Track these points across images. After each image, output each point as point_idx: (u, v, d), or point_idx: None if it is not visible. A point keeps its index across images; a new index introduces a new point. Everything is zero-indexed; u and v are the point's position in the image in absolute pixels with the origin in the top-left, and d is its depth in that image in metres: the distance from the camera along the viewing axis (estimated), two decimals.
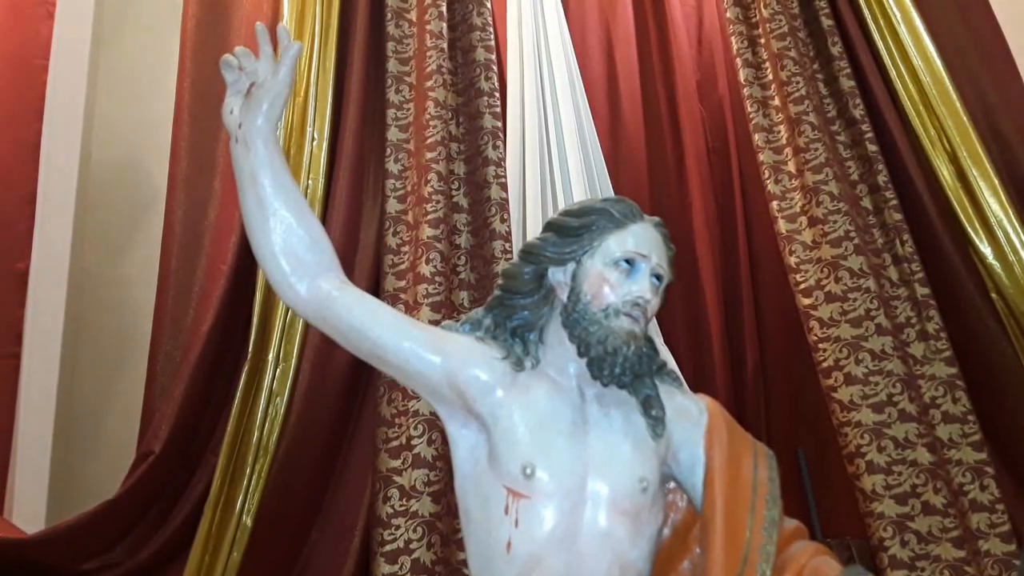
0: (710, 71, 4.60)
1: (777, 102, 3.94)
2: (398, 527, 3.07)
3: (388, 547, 3.05)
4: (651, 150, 4.41)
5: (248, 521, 3.16)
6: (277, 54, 1.45)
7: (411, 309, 3.31)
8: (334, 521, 3.32)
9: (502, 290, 1.49)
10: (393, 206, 3.53)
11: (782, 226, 3.81)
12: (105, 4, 3.91)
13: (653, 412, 1.43)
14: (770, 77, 4.00)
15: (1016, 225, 3.65)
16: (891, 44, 4.01)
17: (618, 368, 1.36)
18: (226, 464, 3.17)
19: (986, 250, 3.71)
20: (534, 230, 3.95)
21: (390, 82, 3.71)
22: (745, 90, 4.04)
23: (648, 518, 1.36)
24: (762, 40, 4.12)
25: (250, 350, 3.26)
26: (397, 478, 3.14)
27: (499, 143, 3.70)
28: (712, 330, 4.30)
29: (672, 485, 1.49)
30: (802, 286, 3.71)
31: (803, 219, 3.78)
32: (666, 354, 4.04)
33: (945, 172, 3.83)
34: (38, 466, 3.27)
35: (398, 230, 3.51)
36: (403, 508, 3.09)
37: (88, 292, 3.74)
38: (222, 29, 3.70)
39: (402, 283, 3.41)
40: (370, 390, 3.41)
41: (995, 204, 3.70)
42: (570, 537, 1.29)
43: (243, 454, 3.22)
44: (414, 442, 3.16)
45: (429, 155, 3.51)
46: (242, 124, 1.42)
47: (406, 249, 3.45)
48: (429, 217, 3.42)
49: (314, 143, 3.48)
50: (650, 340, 1.52)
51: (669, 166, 4.46)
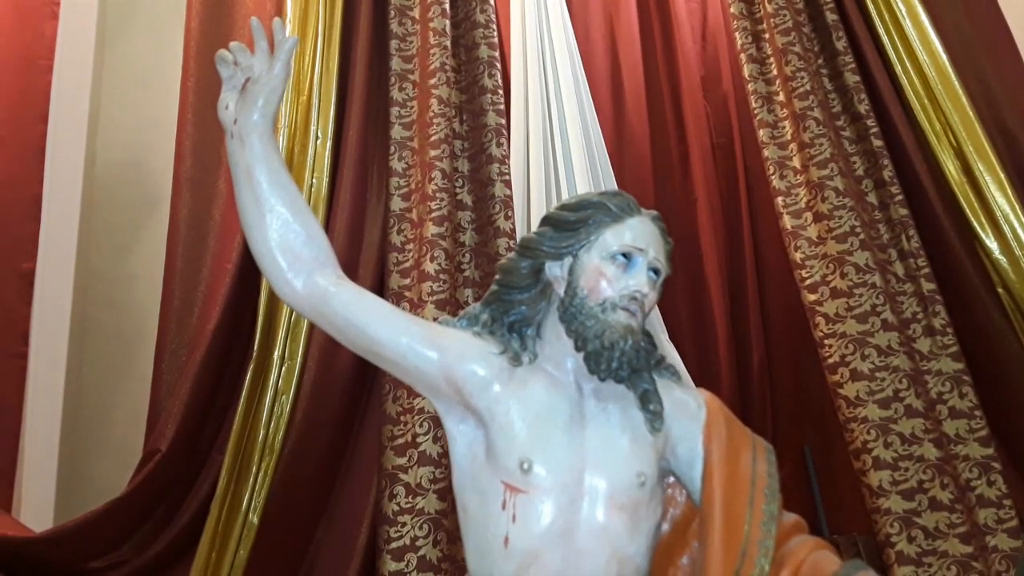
0: (714, 67, 4.60)
1: (782, 97, 3.92)
2: (404, 524, 3.08)
3: (394, 544, 3.06)
4: (655, 146, 4.41)
5: (254, 519, 3.17)
6: (273, 49, 1.44)
7: (415, 307, 3.31)
8: (340, 518, 3.33)
9: (499, 285, 1.49)
10: (397, 204, 3.53)
11: (787, 222, 3.80)
12: (109, 3, 3.92)
13: (651, 407, 1.42)
14: (775, 72, 3.98)
15: (1022, 219, 3.64)
16: (896, 38, 3.99)
17: (615, 363, 1.36)
18: (232, 462, 3.18)
19: (992, 245, 3.69)
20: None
21: (393, 80, 3.71)
22: (749, 85, 4.03)
23: (646, 513, 1.36)
24: (766, 35, 4.11)
25: (255, 349, 3.27)
26: (403, 475, 3.15)
27: (503, 140, 3.70)
28: (717, 327, 4.29)
29: (672, 479, 1.49)
30: (807, 282, 3.70)
31: (808, 215, 3.77)
32: (671, 351, 4.05)
33: (951, 166, 3.81)
34: (46, 465, 3.29)
35: (402, 228, 3.51)
36: (409, 505, 3.10)
37: (94, 292, 3.76)
38: (225, 28, 3.71)
39: (406, 281, 3.41)
40: (375, 388, 3.41)
41: (1001, 198, 3.69)
42: (568, 532, 1.29)
43: (249, 452, 3.22)
44: (420, 439, 3.16)
45: (433, 153, 3.51)
46: (237, 120, 1.41)
47: (410, 247, 3.45)
48: (433, 215, 3.42)
49: (318, 141, 3.48)
50: (648, 334, 1.52)
51: (673, 162, 4.46)
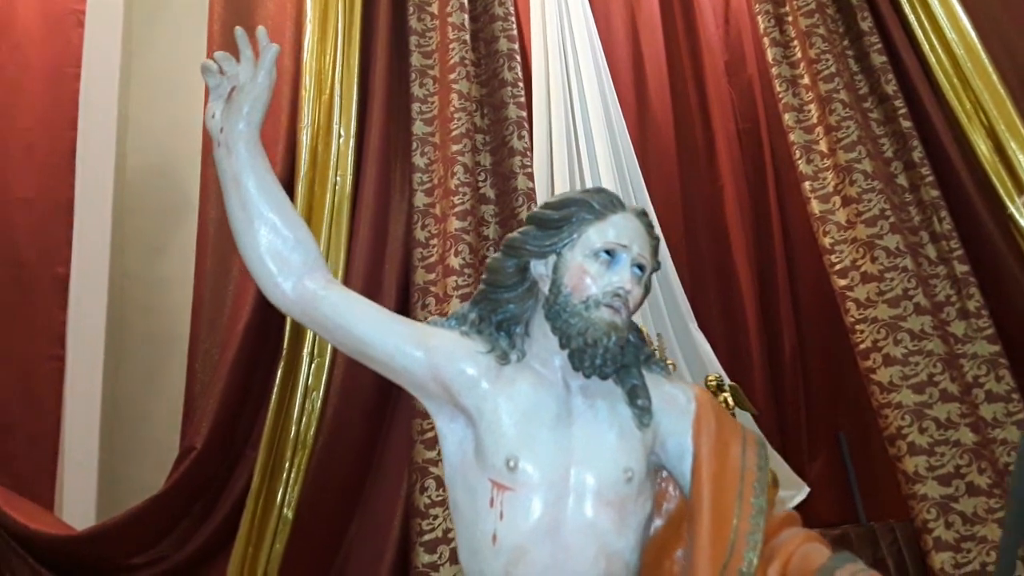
0: (738, 51, 4.55)
1: (807, 80, 3.87)
2: (436, 517, 3.10)
3: (427, 537, 3.08)
4: (680, 133, 4.38)
5: (289, 513, 3.22)
6: (258, 57, 1.45)
7: (441, 301, 3.33)
8: (373, 512, 3.36)
9: (486, 284, 1.49)
10: (421, 200, 3.55)
11: (815, 207, 3.75)
12: (134, 10, 3.98)
13: (639, 402, 1.42)
14: (799, 55, 3.93)
15: None
16: (923, 16, 3.91)
17: (599, 359, 1.35)
18: (266, 458, 3.23)
19: None
20: None
21: (414, 76, 3.72)
22: (773, 69, 3.98)
23: (634, 508, 1.35)
24: (789, 18, 4.05)
25: (285, 346, 3.31)
26: (433, 468, 3.17)
27: (524, 133, 3.69)
28: (747, 315, 4.26)
29: (666, 474, 1.48)
30: (837, 267, 3.65)
31: (836, 199, 3.72)
32: (700, 341, 4.03)
33: (982, 146, 3.74)
34: (86, 464, 3.36)
35: (426, 223, 3.53)
36: (440, 498, 3.12)
37: (129, 294, 3.82)
38: (247, 30, 3.73)
39: (432, 276, 3.43)
40: None
41: None
42: (555, 528, 1.29)
43: (282, 448, 3.27)
44: None
45: (455, 147, 3.52)
46: (223, 129, 1.42)
47: (435, 242, 3.47)
48: (456, 209, 3.44)
49: (341, 140, 3.51)
50: (638, 329, 1.52)
51: (699, 149, 4.42)
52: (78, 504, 3.32)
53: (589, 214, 1.44)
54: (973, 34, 3.81)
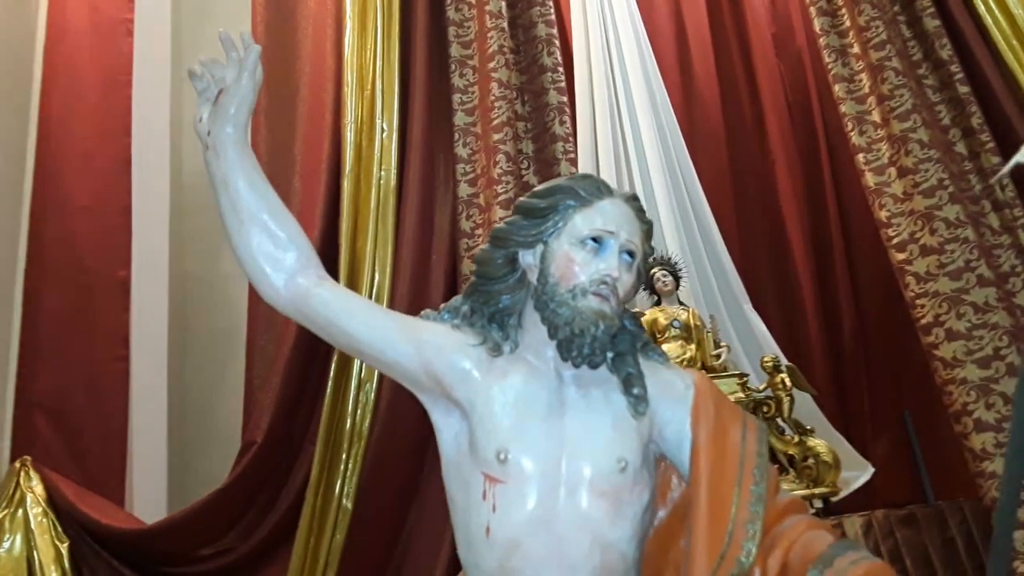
0: (786, 23, 4.43)
1: (856, 49, 3.74)
2: None
3: None
4: (727, 109, 4.29)
5: (348, 504, 3.28)
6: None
7: None
8: (429, 502, 3.39)
9: (476, 276, 1.47)
10: (464, 190, 3.55)
11: (870, 179, 3.64)
12: (182, 16, 4.07)
13: (634, 390, 1.38)
14: (847, 24, 3.79)
15: None
16: None
17: (587, 349, 1.32)
18: (323, 451, 3.30)
19: None
20: None
21: (453, 67, 3.73)
22: (821, 40, 3.85)
23: (629, 499, 1.32)
24: None
25: None
26: None
27: (566, 118, 3.66)
28: (804, 293, 4.17)
29: (668, 463, 1.44)
30: (895, 241, 3.54)
31: (892, 170, 3.59)
32: (755, 321, 3.96)
33: None
34: (155, 460, 3.48)
35: (471, 214, 3.54)
36: None
37: (191, 294, 3.93)
38: (289, 28, 3.80)
39: None
40: None
41: None
42: (548, 520, 1.27)
43: (338, 440, 3.33)
44: None
45: (496, 136, 3.52)
46: (211, 132, 1.42)
47: (480, 232, 3.47)
48: (500, 198, 3.43)
49: (384, 134, 3.54)
50: (635, 316, 1.49)
51: (748, 125, 4.33)
52: (148, 498, 3.44)
53: (575, 201, 1.40)
54: None
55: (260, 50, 1.43)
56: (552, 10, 3.89)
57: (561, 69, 3.76)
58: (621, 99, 3.99)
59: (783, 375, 3.52)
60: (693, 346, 3.58)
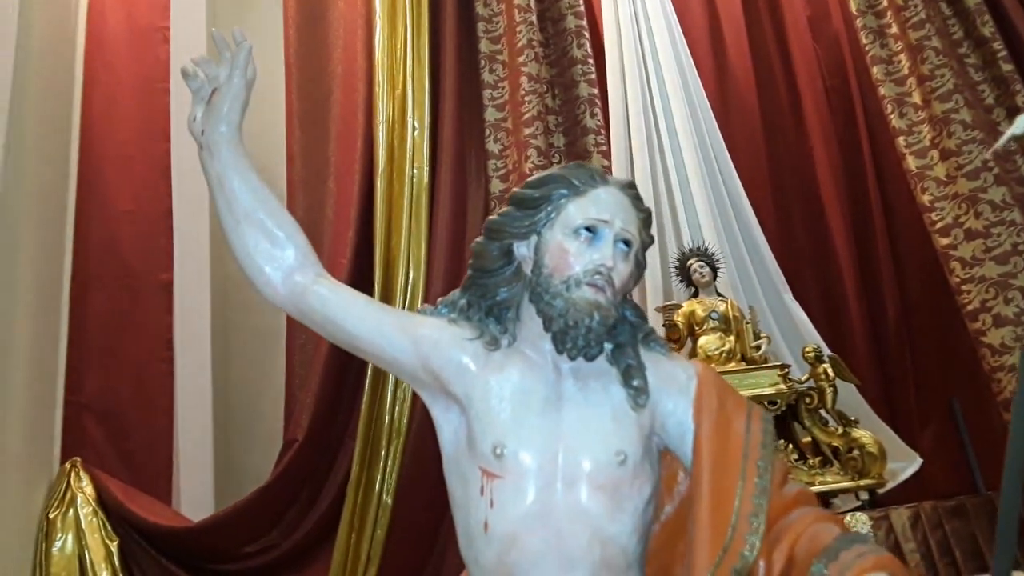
0: (822, 5, 4.33)
1: (895, 29, 3.65)
2: None
3: None
4: (763, 96, 4.22)
5: (388, 500, 3.32)
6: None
7: None
8: None
9: (472, 269, 1.44)
10: (496, 186, 3.56)
11: (911, 163, 3.56)
12: (217, 21, 4.12)
13: (634, 383, 1.34)
14: (884, 3, 3.71)
15: None
16: None
17: (581, 340, 1.30)
18: (363, 447, 3.34)
19: None
20: (645, 193, 3.88)
21: (483, 63, 3.73)
22: (858, 20, 3.77)
23: (629, 492, 1.28)
24: None
25: None
26: None
27: (597, 111, 3.64)
28: (846, 281, 4.09)
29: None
30: (938, 225, 3.46)
31: (934, 153, 3.51)
32: (796, 311, 3.90)
33: None
34: (200, 458, 3.53)
35: None
36: None
37: (232, 296, 3.98)
38: (320, 32, 3.83)
39: None
40: None
41: None
42: (546, 515, 1.25)
43: (377, 437, 3.36)
44: None
45: (527, 131, 3.52)
46: (205, 131, 1.42)
47: None
48: None
49: (415, 133, 3.56)
50: (636, 307, 1.46)
51: (784, 111, 4.25)
52: (195, 496, 3.50)
53: (568, 191, 1.38)
54: None
55: (251, 47, 1.42)
56: (581, 1, 3.87)
57: (591, 61, 3.74)
58: (654, 88, 3.95)
59: (825, 365, 3.46)
60: (732, 338, 3.53)
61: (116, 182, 3.59)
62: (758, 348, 3.53)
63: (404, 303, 3.40)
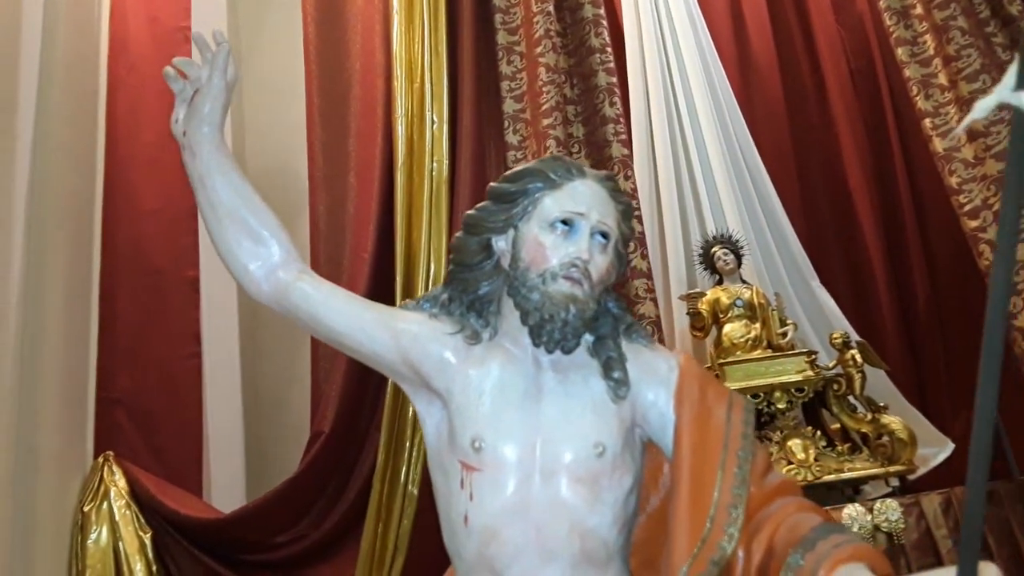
0: None
1: (919, 10, 3.58)
2: None
3: None
4: (786, 79, 4.17)
5: (414, 491, 3.34)
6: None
7: None
8: None
9: (453, 264, 1.45)
10: None
11: (938, 144, 3.49)
12: (240, 21, 4.17)
13: (614, 375, 1.35)
14: None
15: None
16: None
17: (557, 334, 1.30)
18: (388, 438, 3.36)
19: None
20: (667, 181, 3.87)
21: (501, 54, 3.72)
22: (882, 2, 3.70)
23: (609, 484, 1.28)
24: None
25: None
26: None
27: (616, 100, 3.62)
28: (874, 266, 4.03)
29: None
30: (967, 208, 3.39)
31: (961, 134, 3.44)
32: (824, 297, 3.85)
33: None
34: (231, 452, 3.58)
35: None
36: None
37: None
38: (339, 29, 3.85)
39: None
40: None
41: None
42: (525, 508, 1.26)
43: (402, 428, 3.39)
44: None
45: (545, 122, 3.50)
46: (186, 132, 1.44)
47: None
48: None
49: (434, 126, 3.56)
50: (619, 300, 1.45)
51: (808, 94, 4.20)
52: (226, 489, 3.55)
53: (544, 184, 1.38)
54: None
55: (229, 48, 1.43)
56: None
57: (609, 50, 3.72)
58: (675, 75, 3.92)
59: (853, 351, 3.43)
60: (758, 325, 3.51)
61: (141, 182, 3.64)
62: (784, 335, 3.50)
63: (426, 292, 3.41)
